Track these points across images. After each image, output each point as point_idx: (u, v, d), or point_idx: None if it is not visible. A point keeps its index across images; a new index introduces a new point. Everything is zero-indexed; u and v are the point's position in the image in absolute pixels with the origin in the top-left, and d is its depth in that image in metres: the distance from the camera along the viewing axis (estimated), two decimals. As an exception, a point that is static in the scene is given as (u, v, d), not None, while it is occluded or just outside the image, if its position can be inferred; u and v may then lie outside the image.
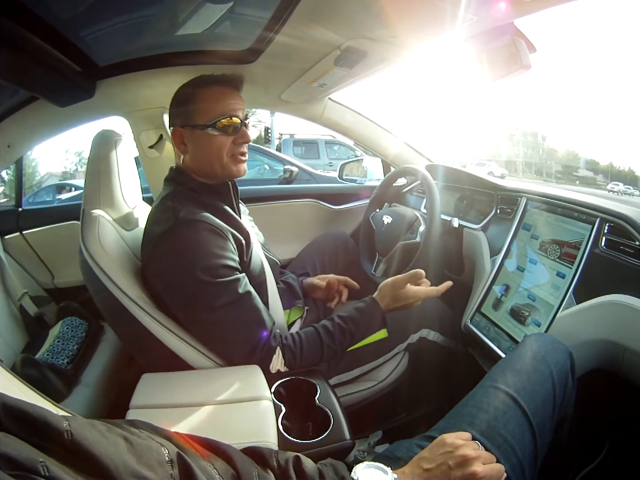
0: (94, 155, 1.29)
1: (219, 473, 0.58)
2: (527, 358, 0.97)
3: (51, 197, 8.61)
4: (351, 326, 1.23)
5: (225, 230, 1.15)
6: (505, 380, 0.93)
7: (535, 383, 0.92)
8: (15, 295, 1.80)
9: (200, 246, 1.09)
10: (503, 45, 1.14)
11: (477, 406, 0.90)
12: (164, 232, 1.10)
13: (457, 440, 0.76)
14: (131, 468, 0.47)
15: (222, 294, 1.09)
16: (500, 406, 0.88)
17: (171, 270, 1.11)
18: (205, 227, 1.11)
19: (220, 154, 1.21)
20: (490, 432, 0.84)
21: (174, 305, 1.14)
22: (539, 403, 0.90)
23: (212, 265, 1.08)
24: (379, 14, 1.06)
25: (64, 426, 0.45)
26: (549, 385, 0.93)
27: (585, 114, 71.60)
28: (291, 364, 1.16)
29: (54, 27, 1.17)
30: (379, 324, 1.28)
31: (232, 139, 1.21)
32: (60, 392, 1.42)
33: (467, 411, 0.91)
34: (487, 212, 1.67)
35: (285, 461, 0.69)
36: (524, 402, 0.88)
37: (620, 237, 1.15)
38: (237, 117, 1.20)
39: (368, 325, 1.26)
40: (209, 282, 1.07)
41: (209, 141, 1.20)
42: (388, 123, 2.23)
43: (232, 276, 1.11)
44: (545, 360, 0.96)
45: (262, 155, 6.83)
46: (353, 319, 1.24)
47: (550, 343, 1.01)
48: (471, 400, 0.94)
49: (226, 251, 1.13)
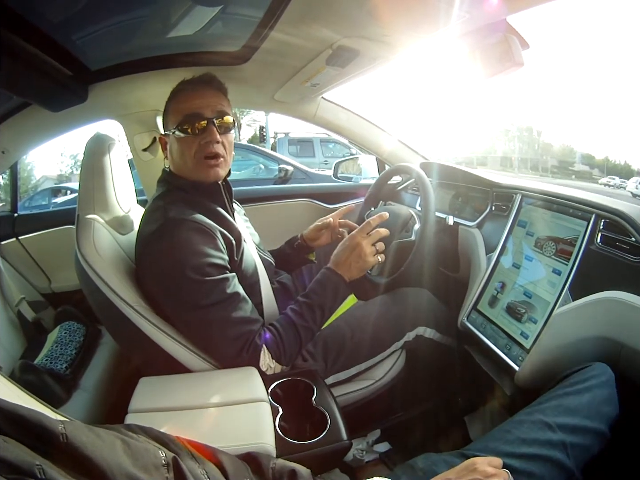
0: (87, 159, 1.29)
1: (210, 479, 0.58)
2: (584, 399, 0.95)
3: (47, 201, 8.61)
4: (315, 299, 1.23)
5: (214, 229, 1.15)
6: (556, 419, 0.91)
7: (585, 432, 0.91)
8: (12, 300, 1.80)
9: (189, 245, 1.09)
10: (496, 42, 1.14)
11: (522, 438, 0.89)
12: (154, 231, 1.11)
13: (488, 468, 0.74)
14: (126, 470, 0.47)
15: (209, 293, 1.09)
16: (545, 444, 0.87)
17: (160, 269, 1.11)
18: (194, 226, 1.11)
19: (187, 156, 1.20)
20: (526, 466, 0.84)
21: (165, 303, 1.14)
22: (581, 452, 0.89)
23: (200, 263, 1.08)
24: (372, 12, 1.06)
25: (59, 429, 0.46)
26: (595, 437, 0.92)
27: (581, 108, 71.77)
28: (277, 355, 1.16)
29: (44, 31, 1.17)
30: (343, 290, 1.27)
31: (199, 140, 1.19)
32: (60, 397, 1.43)
33: (510, 439, 0.90)
34: (482, 209, 1.67)
35: (281, 475, 0.69)
36: (571, 449, 0.87)
37: (616, 234, 1.15)
38: (202, 116, 1.18)
39: (332, 293, 1.25)
40: (197, 281, 1.08)
41: (177, 144, 1.21)
42: (382, 121, 2.23)
43: (220, 275, 1.12)
44: (600, 410, 0.95)
45: (257, 154, 6.84)
46: (314, 291, 1.25)
47: (608, 389, 0.99)
48: (517, 430, 0.92)
49: (215, 250, 1.13)
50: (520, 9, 1.02)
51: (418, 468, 0.88)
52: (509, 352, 1.26)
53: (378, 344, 1.38)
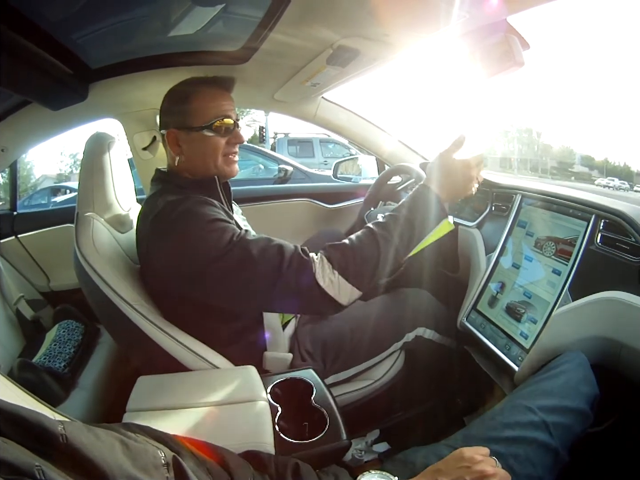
0: (87, 158, 1.29)
1: (213, 477, 0.58)
2: (559, 381, 0.99)
3: (46, 200, 8.57)
4: (404, 212, 1.10)
5: (217, 204, 1.15)
6: (535, 401, 0.95)
7: (565, 411, 0.94)
8: (11, 299, 1.80)
9: (194, 212, 1.07)
10: (496, 42, 1.14)
11: (504, 422, 0.92)
12: (157, 214, 1.09)
13: (475, 455, 0.75)
14: (126, 471, 0.47)
15: (225, 236, 1.03)
16: (527, 426, 0.90)
17: (172, 240, 1.07)
18: (196, 199, 1.10)
19: (215, 154, 1.21)
20: (511, 450, 0.86)
21: (183, 279, 1.08)
22: (564, 431, 0.91)
23: (208, 219, 1.05)
24: (372, 12, 1.05)
25: (58, 430, 0.45)
26: (576, 416, 0.94)
27: (581, 109, 71.81)
28: (342, 266, 1.02)
29: (45, 30, 1.17)
30: (437, 212, 1.14)
31: (226, 140, 1.22)
32: (58, 395, 1.43)
33: (493, 425, 0.93)
34: (482, 210, 1.67)
35: (284, 468, 0.69)
36: (553, 429, 0.90)
37: (615, 234, 1.15)
38: (230, 118, 1.21)
39: (424, 210, 1.11)
40: (210, 230, 1.03)
41: (204, 142, 1.21)
42: (382, 121, 2.23)
43: (229, 224, 1.08)
44: (577, 389, 0.98)
45: (256, 154, 6.82)
46: (404, 205, 1.12)
47: (582, 370, 1.03)
48: (499, 416, 0.95)
49: (218, 213, 1.10)
50: (520, 9, 1.02)
51: (408, 462, 0.89)
52: (509, 353, 1.26)
53: (377, 344, 1.39)
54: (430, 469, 0.77)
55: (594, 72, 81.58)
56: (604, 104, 66.08)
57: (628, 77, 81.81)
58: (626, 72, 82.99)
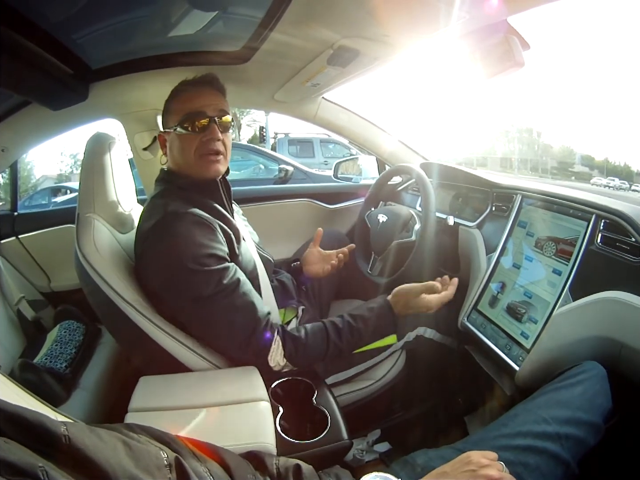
0: (87, 158, 1.29)
1: (214, 477, 0.58)
2: (576, 392, 0.97)
3: (47, 200, 8.58)
4: (360, 325, 1.19)
5: (213, 222, 1.15)
6: (550, 411, 0.94)
7: (579, 424, 0.92)
8: (12, 299, 1.80)
9: (188, 237, 1.08)
10: (496, 42, 1.14)
11: (517, 430, 0.91)
12: (153, 225, 1.10)
13: (482, 460, 0.75)
14: (129, 472, 0.47)
15: (210, 282, 1.08)
16: (539, 436, 0.89)
17: (160, 262, 1.10)
18: (193, 219, 1.11)
19: (188, 153, 1.21)
20: (520, 458, 0.85)
21: (166, 298, 1.13)
22: (576, 443, 0.90)
23: (200, 254, 1.07)
24: (372, 12, 1.05)
25: (61, 431, 0.45)
26: (590, 429, 0.93)
27: (581, 109, 71.77)
28: (292, 356, 1.13)
29: (45, 30, 1.17)
30: (389, 328, 1.25)
31: (200, 137, 1.20)
32: (59, 396, 1.42)
33: (505, 431, 0.92)
34: (482, 210, 1.67)
35: (285, 469, 0.69)
36: (565, 440, 0.89)
37: (616, 234, 1.15)
38: (205, 114, 1.20)
39: (378, 327, 1.22)
40: (197, 271, 1.06)
41: (178, 141, 1.22)
42: (382, 121, 2.23)
43: (220, 265, 1.10)
44: (593, 402, 0.97)
45: (257, 154, 6.84)
46: (363, 318, 1.20)
47: (599, 382, 1.01)
48: (512, 422, 0.94)
49: (214, 242, 1.12)
50: (520, 9, 1.02)
51: (416, 464, 0.89)
52: (509, 352, 1.26)
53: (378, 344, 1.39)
54: (436, 471, 0.77)
55: (594, 72, 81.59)
56: (604, 104, 66.10)
57: (628, 77, 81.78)
58: (626, 72, 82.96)
